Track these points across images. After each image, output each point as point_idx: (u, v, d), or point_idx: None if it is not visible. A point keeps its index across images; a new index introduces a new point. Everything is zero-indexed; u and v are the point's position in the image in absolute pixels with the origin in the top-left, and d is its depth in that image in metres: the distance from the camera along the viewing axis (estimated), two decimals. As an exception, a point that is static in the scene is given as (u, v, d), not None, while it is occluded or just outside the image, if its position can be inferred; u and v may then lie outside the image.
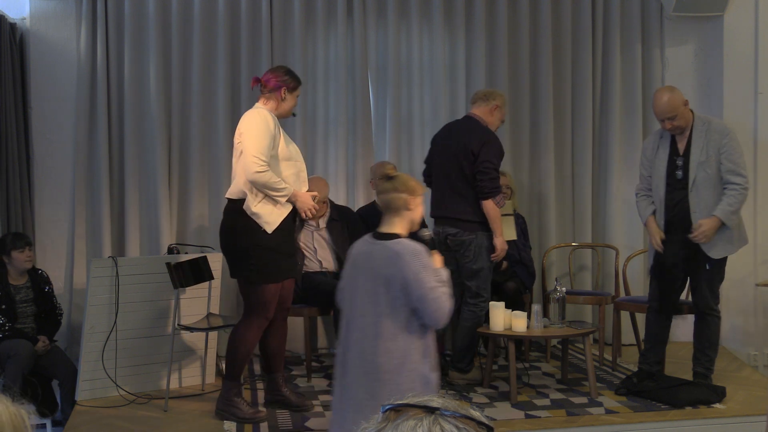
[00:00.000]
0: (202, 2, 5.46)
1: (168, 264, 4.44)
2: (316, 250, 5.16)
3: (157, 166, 5.40)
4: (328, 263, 5.20)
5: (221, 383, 4.30)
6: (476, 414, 0.96)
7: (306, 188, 4.15)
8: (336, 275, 5.21)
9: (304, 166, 4.19)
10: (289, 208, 4.05)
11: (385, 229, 2.99)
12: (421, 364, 2.91)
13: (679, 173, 4.44)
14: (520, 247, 5.38)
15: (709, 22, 5.83)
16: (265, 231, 3.97)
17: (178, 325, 4.47)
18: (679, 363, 5.10)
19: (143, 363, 4.69)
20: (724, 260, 4.46)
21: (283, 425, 4.09)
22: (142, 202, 5.47)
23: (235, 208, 4.02)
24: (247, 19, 5.53)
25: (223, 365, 5.10)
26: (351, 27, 5.71)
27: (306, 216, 4.08)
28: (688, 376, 4.58)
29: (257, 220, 3.96)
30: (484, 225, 4.60)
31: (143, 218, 5.48)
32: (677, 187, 4.45)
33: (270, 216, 3.98)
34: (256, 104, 4.14)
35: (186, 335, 4.77)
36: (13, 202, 5.07)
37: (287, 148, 4.09)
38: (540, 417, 4.17)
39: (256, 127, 3.95)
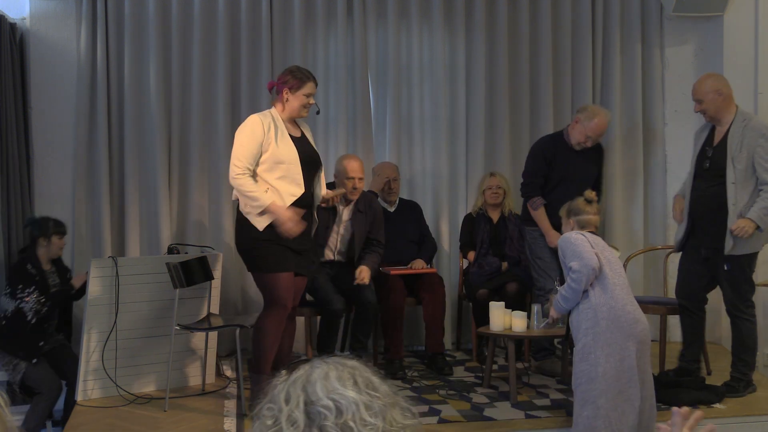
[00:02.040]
0: (202, 2, 5.46)
1: (168, 264, 4.44)
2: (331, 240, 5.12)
3: (157, 166, 5.40)
4: (337, 255, 5.15)
5: (249, 377, 4.34)
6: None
7: (300, 190, 4.10)
8: (339, 265, 5.14)
9: (296, 168, 4.11)
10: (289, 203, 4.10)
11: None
12: None
13: (707, 163, 4.46)
14: (519, 248, 5.39)
15: (709, 22, 5.83)
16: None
17: (178, 325, 4.47)
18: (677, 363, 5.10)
19: (143, 363, 4.69)
20: (744, 261, 4.38)
21: (283, 425, 4.09)
22: (142, 202, 5.47)
23: (237, 211, 4.22)
24: (247, 19, 5.52)
25: (223, 366, 5.13)
26: (351, 27, 5.71)
27: (287, 235, 4.03)
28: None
29: (249, 219, 4.08)
30: (531, 222, 5.05)
31: (143, 218, 5.48)
32: (704, 177, 4.47)
33: (258, 217, 4.07)
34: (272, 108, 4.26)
35: (186, 335, 4.77)
36: (13, 202, 5.07)
37: (277, 150, 4.06)
38: (540, 417, 4.17)
39: (241, 134, 4.12)
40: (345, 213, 5.04)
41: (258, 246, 4.10)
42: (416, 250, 5.46)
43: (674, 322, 5.75)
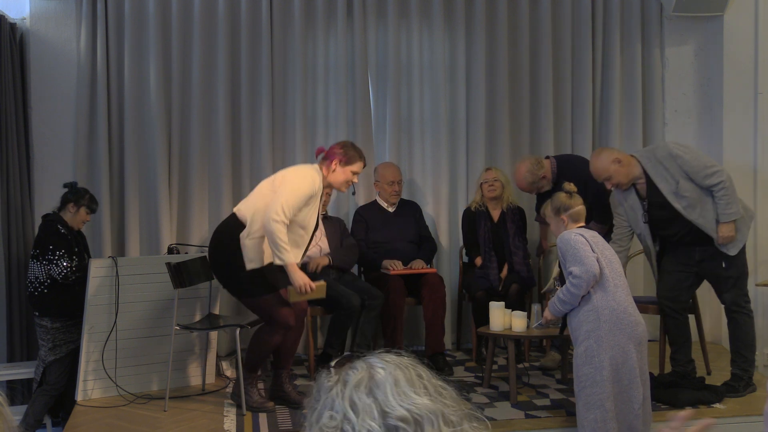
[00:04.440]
0: (202, 2, 5.46)
1: (168, 264, 4.44)
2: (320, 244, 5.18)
3: (157, 166, 5.40)
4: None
5: (237, 375, 4.35)
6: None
7: (299, 259, 4.14)
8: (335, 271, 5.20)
9: (307, 237, 4.20)
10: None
11: (583, 225, 3.84)
12: None
13: (646, 217, 4.52)
14: (515, 248, 5.34)
15: (709, 22, 5.83)
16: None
17: (178, 325, 4.47)
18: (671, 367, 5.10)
19: (143, 363, 4.69)
20: (739, 255, 4.43)
21: (283, 425, 4.09)
22: (142, 202, 5.47)
23: (231, 225, 4.10)
24: (247, 19, 5.52)
25: (224, 365, 5.13)
26: (351, 27, 5.71)
27: (301, 291, 4.04)
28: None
29: (243, 252, 4.04)
30: None
31: (143, 218, 5.48)
32: (660, 227, 4.52)
33: (255, 253, 4.05)
34: (316, 165, 4.22)
35: (186, 335, 4.77)
36: (13, 202, 5.07)
37: (307, 215, 4.10)
38: (540, 417, 4.17)
39: (299, 184, 4.02)
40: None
41: (244, 273, 4.07)
42: (416, 250, 5.45)
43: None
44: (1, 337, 5.04)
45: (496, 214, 5.46)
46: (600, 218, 4.99)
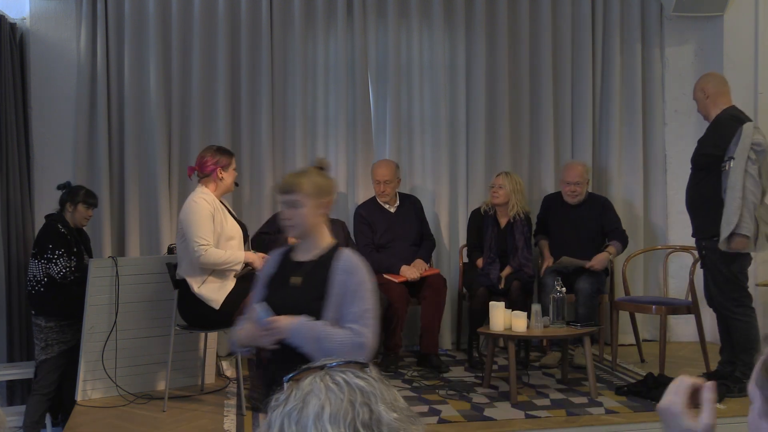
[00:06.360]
0: (202, 2, 5.46)
1: (168, 264, 4.44)
2: None
3: (157, 166, 5.40)
4: None
5: (237, 375, 4.37)
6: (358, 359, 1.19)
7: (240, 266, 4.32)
8: None
9: (241, 245, 4.35)
10: (234, 282, 4.26)
11: None
12: None
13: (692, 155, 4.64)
14: (522, 259, 5.32)
15: (709, 22, 5.84)
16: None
17: (178, 325, 4.47)
18: (678, 363, 5.10)
19: (143, 363, 4.69)
20: (722, 260, 4.37)
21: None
22: (142, 202, 5.48)
23: (183, 289, 4.30)
24: (247, 19, 5.53)
25: (224, 365, 5.13)
26: (351, 27, 5.71)
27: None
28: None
29: (204, 300, 4.21)
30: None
31: (143, 218, 5.48)
32: (692, 169, 4.65)
33: (216, 293, 4.22)
34: (198, 188, 4.35)
35: (186, 335, 4.77)
36: (13, 202, 5.08)
37: (227, 227, 4.27)
38: (540, 417, 4.17)
39: (194, 214, 4.20)
40: None
41: (218, 311, 4.24)
42: (416, 252, 5.42)
43: (674, 322, 5.77)
44: (0, 337, 5.04)
45: (503, 221, 5.41)
46: (621, 239, 5.35)
